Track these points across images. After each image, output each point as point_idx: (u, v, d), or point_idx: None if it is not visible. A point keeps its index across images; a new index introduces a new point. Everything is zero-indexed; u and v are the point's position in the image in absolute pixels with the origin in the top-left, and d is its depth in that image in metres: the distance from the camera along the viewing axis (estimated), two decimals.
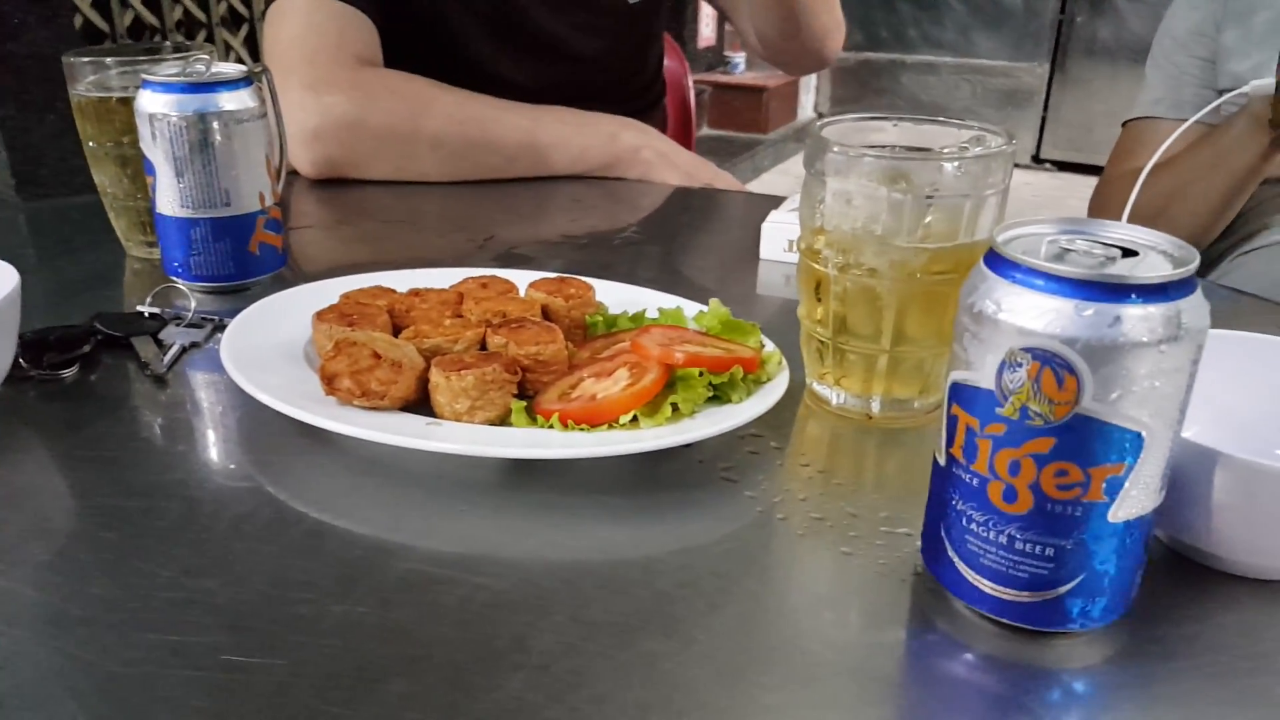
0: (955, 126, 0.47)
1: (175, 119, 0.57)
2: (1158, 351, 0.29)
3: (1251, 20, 0.95)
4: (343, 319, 0.49)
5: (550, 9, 0.98)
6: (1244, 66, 0.94)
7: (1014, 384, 0.31)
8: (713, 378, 0.45)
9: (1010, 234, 0.33)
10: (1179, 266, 0.30)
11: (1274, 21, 0.93)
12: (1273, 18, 0.93)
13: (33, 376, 0.51)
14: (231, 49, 2.53)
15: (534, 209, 0.85)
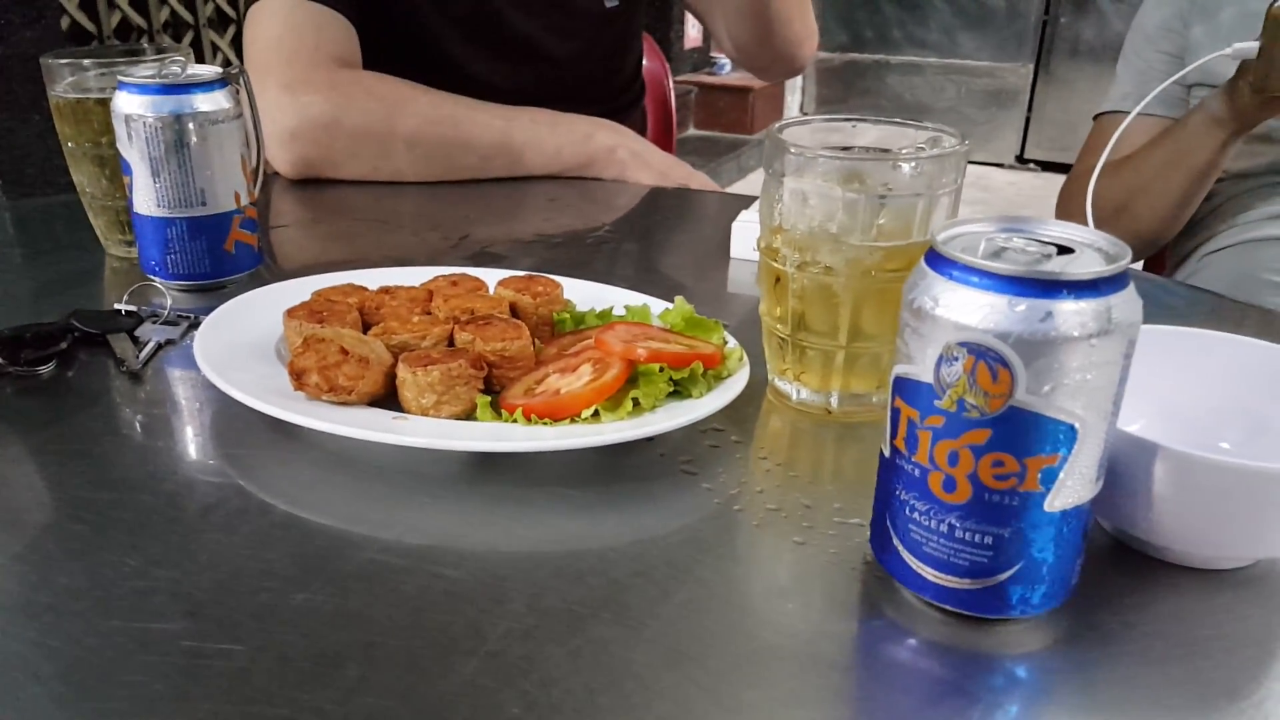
0: (912, 128, 0.48)
1: (151, 120, 0.57)
2: (1089, 345, 0.30)
3: (1218, 16, 0.96)
4: (312, 316, 0.49)
5: (525, 12, 0.99)
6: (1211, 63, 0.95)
7: (951, 377, 0.32)
8: (673, 373, 0.46)
9: (950, 232, 0.34)
10: (1112, 263, 0.32)
11: (1240, 17, 0.94)
12: (1239, 13, 0.95)
13: (10, 373, 0.51)
14: (219, 50, 2.53)
15: (510, 208, 0.86)
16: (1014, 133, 3.79)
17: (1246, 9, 0.94)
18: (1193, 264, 0.99)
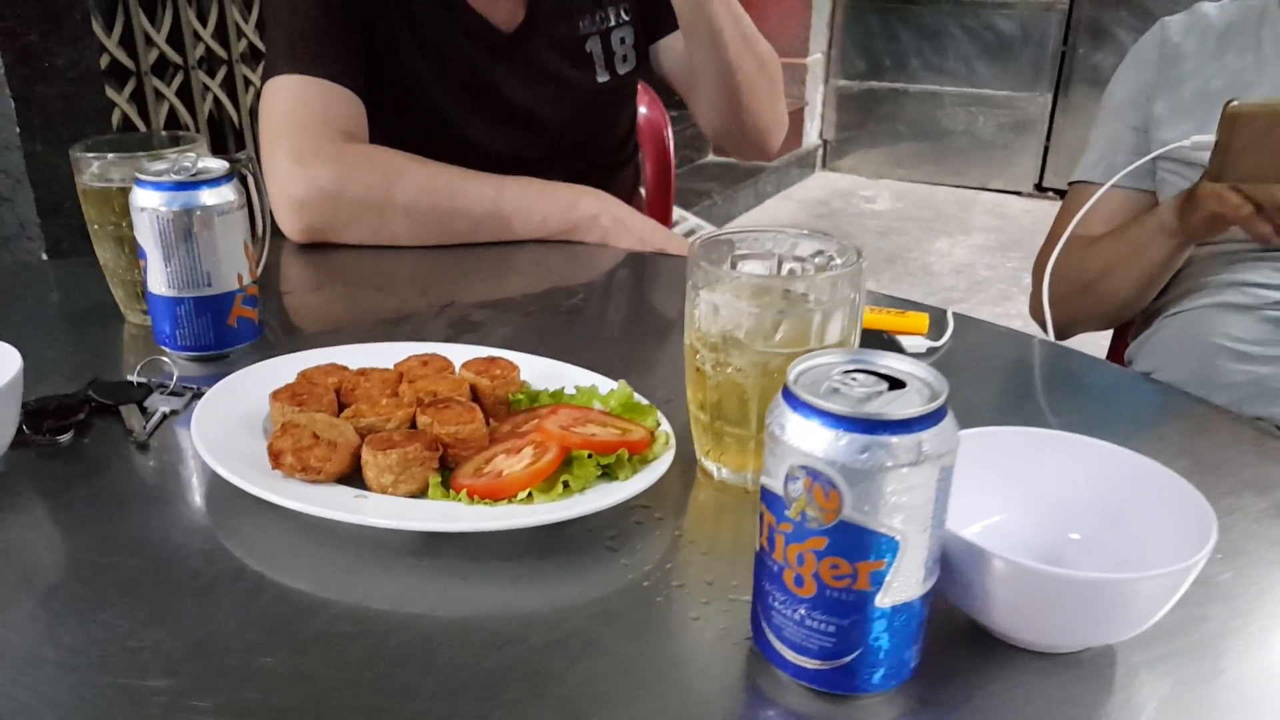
0: (819, 239, 0.55)
1: (163, 213, 0.65)
2: (901, 474, 0.36)
3: (1180, 91, 1.01)
4: (294, 399, 0.56)
5: (522, 83, 1.07)
6: (1173, 135, 0.99)
7: (795, 493, 0.38)
8: (601, 459, 0.52)
9: (803, 367, 0.40)
10: (929, 402, 0.38)
11: (1201, 92, 0.99)
12: (1199, 89, 0.99)
13: (34, 441, 0.59)
14: (250, 84, 2.64)
15: (498, 270, 0.93)
16: (1033, 161, 3.81)
17: (1207, 87, 0.98)
18: (1155, 324, 1.04)
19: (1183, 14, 1.05)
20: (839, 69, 4.08)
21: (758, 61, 1.08)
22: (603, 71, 1.12)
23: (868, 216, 3.74)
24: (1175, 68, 1.01)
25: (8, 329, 0.59)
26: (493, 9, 1.05)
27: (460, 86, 1.05)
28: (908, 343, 0.73)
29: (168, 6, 2.42)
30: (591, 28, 1.10)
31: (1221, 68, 0.98)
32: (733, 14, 1.03)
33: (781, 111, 1.16)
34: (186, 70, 2.50)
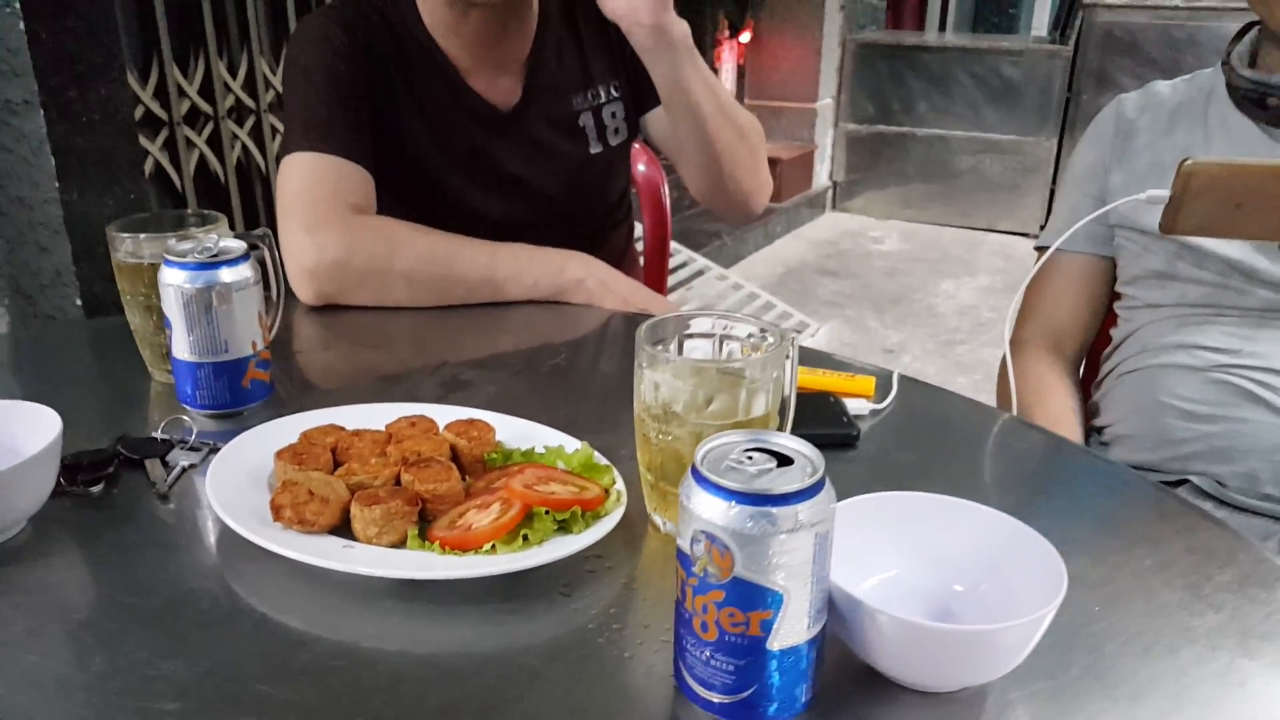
0: (754, 324, 0.62)
1: (187, 289, 0.74)
2: (781, 539, 0.44)
3: (1134, 164, 1.07)
4: (295, 458, 0.65)
5: (519, 156, 1.16)
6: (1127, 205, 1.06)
7: (698, 553, 0.45)
8: (557, 515, 0.60)
9: (710, 445, 0.47)
10: (808, 478, 0.45)
11: (1153, 165, 1.05)
12: (1152, 161, 1.05)
13: (69, 492, 0.68)
14: (277, 132, 2.77)
15: (491, 329, 1.02)
16: (1039, 203, 3.88)
17: (1159, 160, 1.04)
18: (1109, 382, 1.10)
19: (1138, 91, 1.12)
20: (848, 113, 4.18)
21: (737, 132, 1.16)
22: (595, 143, 1.21)
23: (875, 257, 3.82)
24: (1130, 142, 1.08)
25: (49, 386, 0.68)
26: (492, 89, 1.14)
27: (461, 159, 1.14)
28: (852, 404, 0.80)
29: (200, 59, 2.56)
30: (584, 104, 1.19)
31: (1171, 143, 1.04)
32: (710, 89, 1.11)
33: (764, 177, 1.24)
34: (216, 120, 2.62)
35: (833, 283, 3.57)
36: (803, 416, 0.75)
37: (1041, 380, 1.08)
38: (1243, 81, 0.96)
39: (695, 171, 1.19)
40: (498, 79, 1.15)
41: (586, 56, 1.19)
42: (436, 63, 1.12)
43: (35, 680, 0.51)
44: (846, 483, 0.67)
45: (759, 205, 1.25)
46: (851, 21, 4.21)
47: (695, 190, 1.23)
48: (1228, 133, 1.00)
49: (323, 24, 1.09)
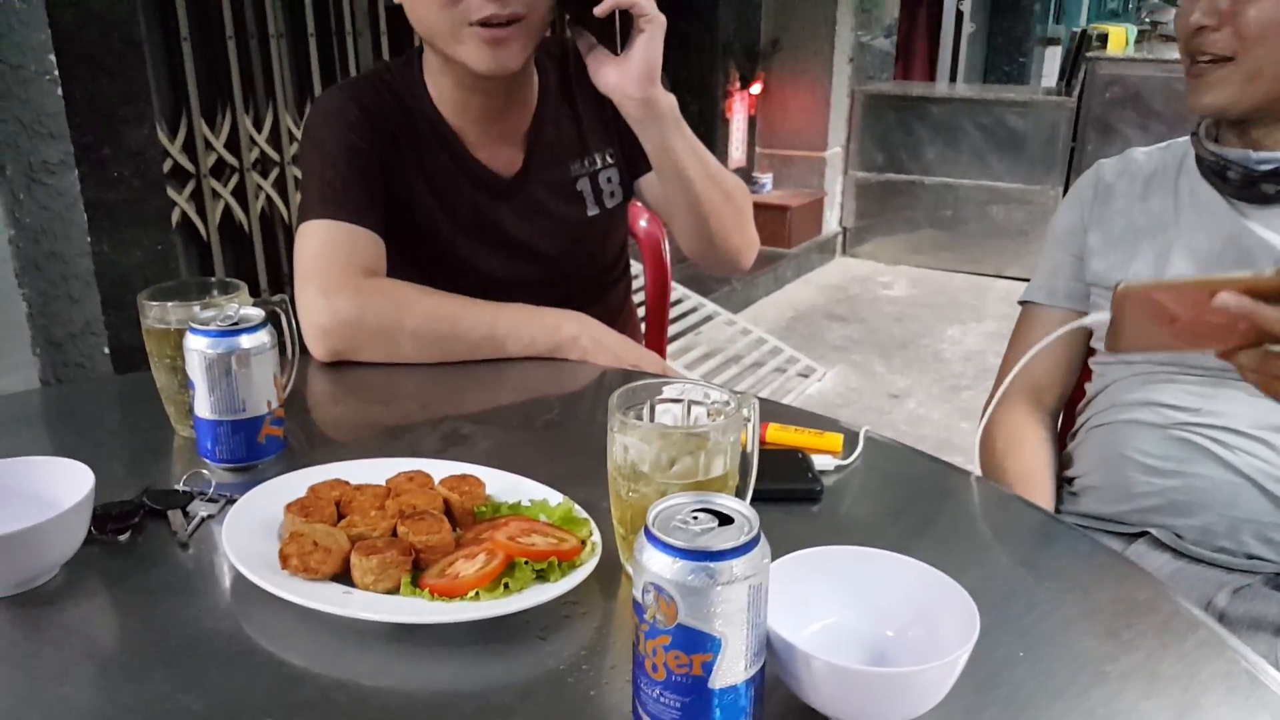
0: (718, 391, 0.69)
1: (209, 354, 0.82)
2: (718, 590, 0.50)
3: (1111, 226, 1.12)
4: (302, 510, 0.72)
5: (520, 219, 1.24)
6: (1103, 265, 1.11)
7: (649, 602, 0.52)
8: (536, 565, 0.66)
9: (661, 507, 0.54)
10: (744, 536, 0.51)
11: (1128, 229, 1.10)
12: (1127, 225, 1.10)
13: (99, 540, 0.75)
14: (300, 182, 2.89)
15: (491, 385, 1.09)
16: None
17: (1133, 224, 1.09)
18: (1081, 434, 1.15)
19: (1116, 158, 1.17)
20: (857, 161, 4.27)
21: (723, 194, 1.23)
22: (593, 206, 1.29)
23: (884, 302, 3.88)
24: (1107, 205, 1.13)
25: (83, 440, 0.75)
26: (495, 159, 1.23)
27: (466, 223, 1.22)
28: (820, 460, 0.86)
29: (226, 114, 2.68)
30: (581, 170, 1.28)
31: (1145, 209, 1.09)
32: (696, 155, 1.19)
33: (750, 235, 1.32)
34: (241, 171, 2.74)
35: (841, 327, 3.63)
36: (770, 472, 0.81)
37: (1018, 431, 1.13)
38: (1206, 154, 1.02)
39: (686, 231, 1.26)
40: (500, 149, 1.23)
41: (583, 127, 1.27)
42: (444, 135, 1.20)
43: (67, 711, 0.57)
44: (807, 535, 0.73)
45: (747, 261, 1.32)
46: (860, 73, 4.32)
47: (686, 248, 1.30)
48: (1195, 202, 1.04)
49: (339, 101, 1.18)
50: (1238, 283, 0.72)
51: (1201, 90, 0.96)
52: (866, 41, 4.31)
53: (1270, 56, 0.92)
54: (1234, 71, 0.93)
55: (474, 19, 1.05)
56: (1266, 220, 0.98)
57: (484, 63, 1.09)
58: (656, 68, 1.11)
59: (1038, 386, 1.18)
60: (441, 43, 1.10)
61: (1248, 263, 0.97)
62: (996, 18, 6.47)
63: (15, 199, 1.79)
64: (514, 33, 1.08)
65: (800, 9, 4.12)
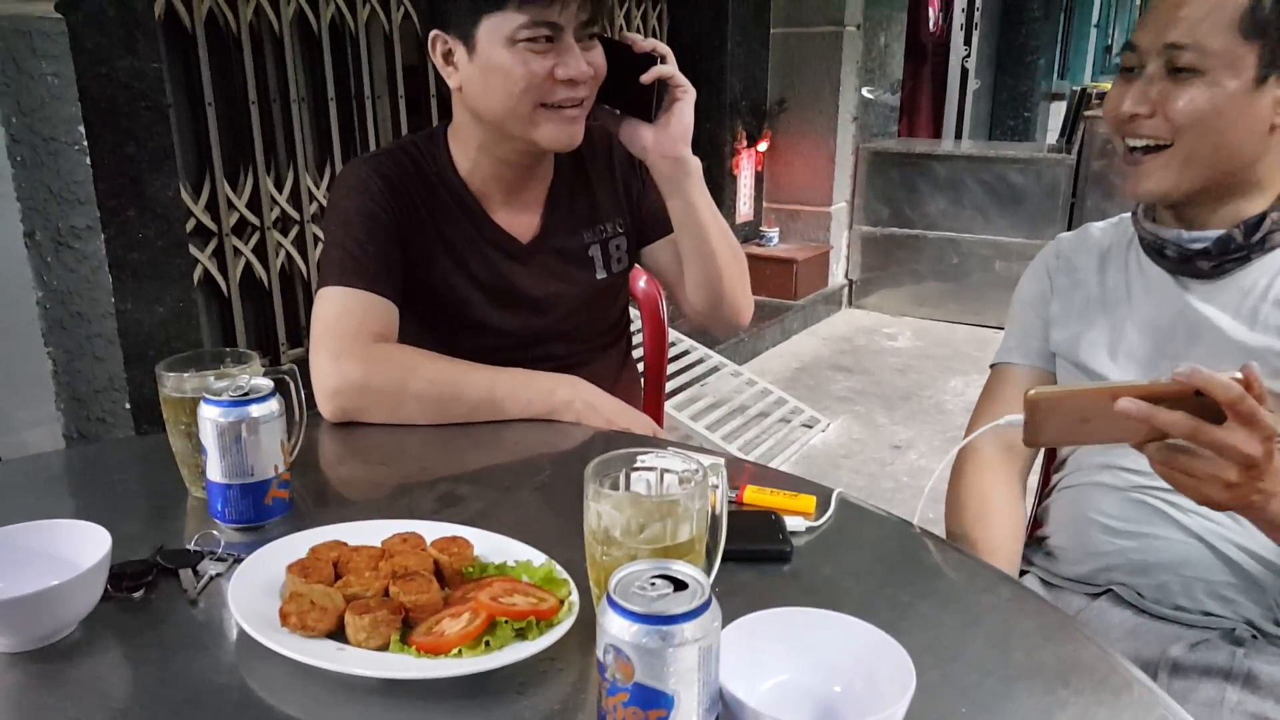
0: (690, 460, 0.74)
1: (221, 423, 0.88)
2: (670, 651, 0.55)
3: (1071, 297, 1.17)
4: (302, 571, 0.77)
5: (535, 282, 1.32)
6: (1062, 336, 1.16)
7: (609, 662, 0.57)
8: (515, 624, 0.72)
9: (622, 573, 0.59)
10: (696, 601, 0.56)
11: (1086, 301, 1.15)
12: (1085, 297, 1.15)
13: (114, 597, 0.81)
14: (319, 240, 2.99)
15: (488, 446, 1.14)
16: None
17: (1090, 296, 1.14)
18: (1053, 495, 1.19)
19: (1075, 232, 1.23)
20: (862, 216, 4.36)
21: (732, 252, 1.34)
22: (601, 270, 1.37)
23: (888, 353, 3.93)
24: (1068, 276, 1.18)
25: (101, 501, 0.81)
26: (514, 224, 1.31)
27: (484, 285, 1.30)
28: (791, 521, 0.91)
29: (249, 175, 2.79)
30: (593, 238, 1.36)
31: (1101, 281, 1.15)
32: (714, 213, 1.31)
33: (750, 297, 1.41)
34: (262, 230, 2.84)
35: (845, 379, 3.68)
36: (743, 533, 0.87)
37: (988, 501, 1.15)
38: (1145, 233, 1.08)
39: (695, 288, 1.35)
40: (519, 215, 1.32)
41: (596, 198, 1.37)
42: (465, 202, 1.29)
43: None
44: (775, 594, 0.78)
45: (746, 319, 1.41)
46: (865, 130, 4.42)
47: (694, 304, 1.38)
48: (1145, 279, 1.10)
49: (363, 173, 1.26)
50: (1138, 389, 0.78)
51: (1140, 178, 1.00)
52: (870, 99, 4.42)
53: (1204, 143, 0.96)
54: (1172, 158, 0.98)
55: (549, 100, 1.16)
56: (1208, 295, 1.03)
57: (559, 141, 1.20)
58: (690, 130, 1.25)
59: (1008, 445, 1.21)
60: (515, 125, 1.19)
61: (1195, 337, 1.02)
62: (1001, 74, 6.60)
63: (44, 263, 1.89)
64: (579, 113, 1.20)
65: (805, 69, 4.24)
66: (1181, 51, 0.94)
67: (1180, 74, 0.95)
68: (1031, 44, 6.51)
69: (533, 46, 1.14)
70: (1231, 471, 0.78)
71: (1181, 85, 0.95)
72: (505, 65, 1.15)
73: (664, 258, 1.40)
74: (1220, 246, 1.00)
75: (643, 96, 1.21)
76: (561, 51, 1.15)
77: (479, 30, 1.15)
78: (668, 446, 1.07)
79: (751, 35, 4.12)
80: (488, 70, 1.16)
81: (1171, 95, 0.96)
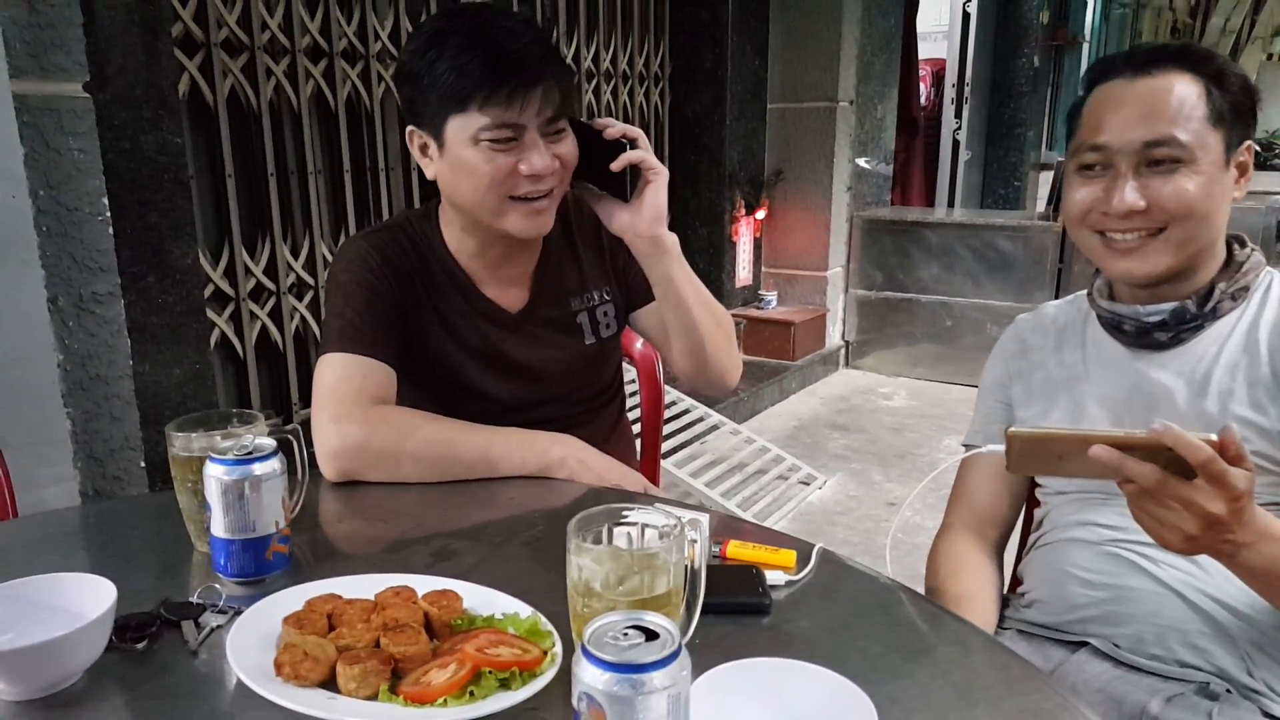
0: (670, 516, 0.78)
1: (225, 480, 0.93)
2: (640, 699, 0.58)
3: (1031, 378, 1.21)
4: (297, 623, 0.81)
5: (525, 349, 1.37)
6: (1027, 414, 1.20)
7: (582, 708, 0.60)
8: (499, 674, 0.75)
9: (596, 624, 0.63)
10: (666, 650, 0.60)
11: (1046, 380, 1.19)
12: (1045, 377, 1.20)
13: (118, 648, 0.84)
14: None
15: (482, 503, 1.18)
16: None
17: (1050, 376, 1.19)
18: (1031, 553, 1.22)
19: (1032, 313, 1.28)
20: (857, 280, 4.44)
21: (715, 320, 1.38)
22: (590, 336, 1.42)
23: (884, 413, 3.97)
24: (1026, 359, 1.23)
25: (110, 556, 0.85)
26: (503, 296, 1.37)
27: (475, 353, 1.35)
28: (771, 575, 0.95)
29: (266, 242, 2.87)
30: (581, 305, 1.41)
31: (1060, 360, 1.19)
32: (694, 286, 1.35)
33: (736, 358, 1.45)
34: (278, 295, 2.90)
35: (842, 437, 3.71)
36: (724, 586, 0.90)
37: (961, 560, 1.19)
38: (1102, 311, 1.13)
39: (681, 355, 1.39)
40: (509, 289, 1.37)
41: (583, 268, 1.42)
42: (457, 278, 1.35)
43: None
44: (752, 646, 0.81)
45: (734, 380, 1.45)
46: (859, 199, 4.54)
47: (681, 369, 1.42)
48: (1101, 354, 1.14)
49: (362, 248, 1.32)
50: (1111, 439, 0.83)
51: (1138, 261, 1.05)
52: (865, 169, 4.54)
53: (1194, 224, 1.02)
54: (1167, 241, 1.03)
55: (516, 194, 1.22)
56: (1163, 363, 1.08)
57: (526, 230, 1.25)
58: (664, 211, 1.28)
59: (982, 520, 1.24)
60: (485, 216, 1.25)
61: (1152, 406, 1.07)
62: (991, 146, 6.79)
63: (65, 327, 1.95)
64: (548, 203, 1.25)
65: (801, 142, 4.37)
66: (1160, 147, 1.01)
67: (1160, 166, 1.02)
68: (1020, 116, 6.72)
69: (495, 146, 1.19)
70: (1192, 525, 0.83)
71: (1166, 176, 1.02)
72: (471, 163, 1.20)
73: (651, 323, 1.45)
74: (1176, 317, 1.06)
75: (617, 178, 1.26)
76: (526, 148, 1.19)
77: (447, 128, 1.20)
78: (654, 502, 1.11)
79: (749, 110, 4.27)
80: (456, 166, 1.22)
81: (1160, 186, 1.02)
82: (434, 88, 1.18)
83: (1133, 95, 1.03)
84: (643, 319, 1.46)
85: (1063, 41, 7.26)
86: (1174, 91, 1.01)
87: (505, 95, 1.16)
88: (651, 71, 4.10)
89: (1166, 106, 1.01)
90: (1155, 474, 0.82)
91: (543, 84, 1.17)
